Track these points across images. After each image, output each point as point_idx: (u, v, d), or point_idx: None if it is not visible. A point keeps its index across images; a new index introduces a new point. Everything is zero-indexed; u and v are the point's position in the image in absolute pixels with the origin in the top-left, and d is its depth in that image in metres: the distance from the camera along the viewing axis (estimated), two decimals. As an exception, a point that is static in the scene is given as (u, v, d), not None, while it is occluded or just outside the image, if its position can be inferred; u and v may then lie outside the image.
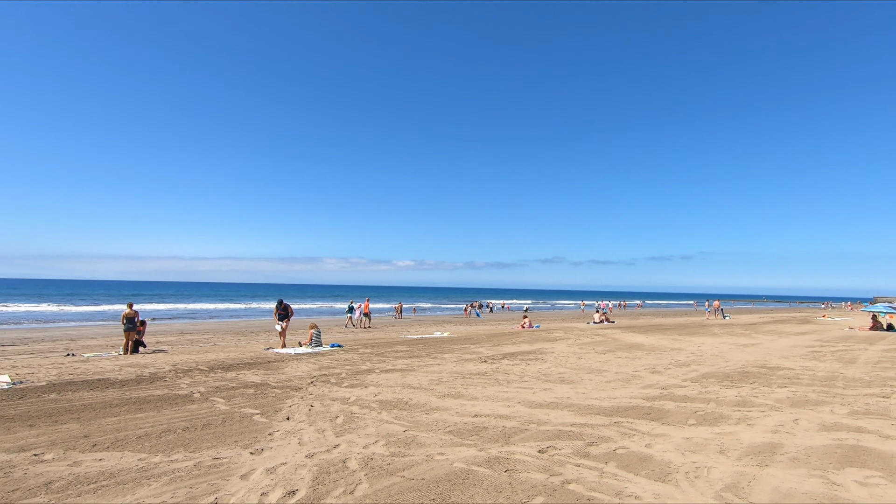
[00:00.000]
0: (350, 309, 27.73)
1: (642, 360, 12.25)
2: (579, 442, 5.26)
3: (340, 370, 10.40)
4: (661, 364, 11.61)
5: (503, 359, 12.43)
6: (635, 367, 11.13)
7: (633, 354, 13.59)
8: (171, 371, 10.14)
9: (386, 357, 12.60)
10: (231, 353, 13.67)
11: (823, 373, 10.27)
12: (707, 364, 11.67)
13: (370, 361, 11.77)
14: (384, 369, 10.53)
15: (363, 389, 8.31)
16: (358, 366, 11.05)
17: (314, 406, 7.04)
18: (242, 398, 7.56)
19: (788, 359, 12.87)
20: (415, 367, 10.80)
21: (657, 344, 16.64)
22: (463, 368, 10.71)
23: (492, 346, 15.57)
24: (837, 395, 7.80)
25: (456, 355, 13.08)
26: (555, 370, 10.54)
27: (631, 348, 15.20)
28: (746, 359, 12.78)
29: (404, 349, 14.45)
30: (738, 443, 5.22)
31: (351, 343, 16.48)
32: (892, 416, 6.45)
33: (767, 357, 13.19)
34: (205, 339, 19.59)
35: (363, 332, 23.52)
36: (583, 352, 14.15)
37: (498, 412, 6.68)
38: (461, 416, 6.44)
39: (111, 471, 4.37)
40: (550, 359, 12.50)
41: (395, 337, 19.45)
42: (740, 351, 14.72)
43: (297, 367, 10.92)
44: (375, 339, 18.52)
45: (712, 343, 17.19)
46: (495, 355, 13.14)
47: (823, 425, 5.95)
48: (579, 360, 12.39)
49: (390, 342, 16.76)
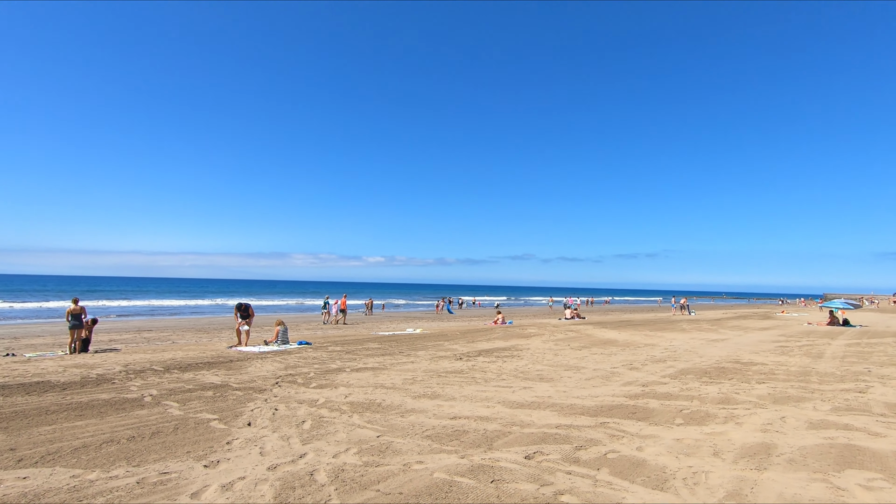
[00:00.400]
0: (325, 304, 27.38)
1: (618, 357, 12.12)
2: (567, 446, 4.92)
3: (308, 369, 9.81)
4: (638, 360, 11.50)
5: (479, 356, 12.08)
6: (612, 363, 10.96)
7: (609, 350, 13.48)
8: (121, 372, 9.34)
9: (357, 355, 12.06)
10: (190, 351, 12.84)
11: (796, 368, 10.33)
12: (682, 360, 11.62)
13: (340, 360, 11.21)
14: (355, 368, 10.00)
15: (333, 390, 7.78)
16: (327, 364, 10.48)
17: (279, 410, 6.48)
18: (199, 402, 6.92)
19: (759, 354, 13.00)
20: (387, 366, 10.32)
21: (631, 340, 16.64)
22: (438, 366, 10.29)
23: (466, 342, 15.22)
24: (816, 391, 7.76)
25: (430, 352, 12.66)
26: (532, 367, 10.25)
27: (605, 344, 15.12)
28: (719, 354, 12.84)
29: (376, 346, 13.93)
30: (730, 444, 4.99)
31: (320, 340, 15.83)
32: (874, 412, 6.39)
33: (738, 352, 13.30)
34: (163, 337, 18.52)
35: (333, 329, 22.81)
36: (558, 348, 13.95)
37: (478, 413, 6.29)
38: (439, 419, 6.02)
39: (35, 491, 3.75)
40: (527, 355, 12.23)
41: (365, 334, 18.88)
42: (711, 346, 14.84)
43: (261, 366, 10.27)
44: (345, 336, 17.90)
45: (683, 339, 17.34)
46: (470, 352, 12.78)
47: (811, 423, 5.81)
48: (556, 356, 12.16)
49: (361, 339, 16.19)
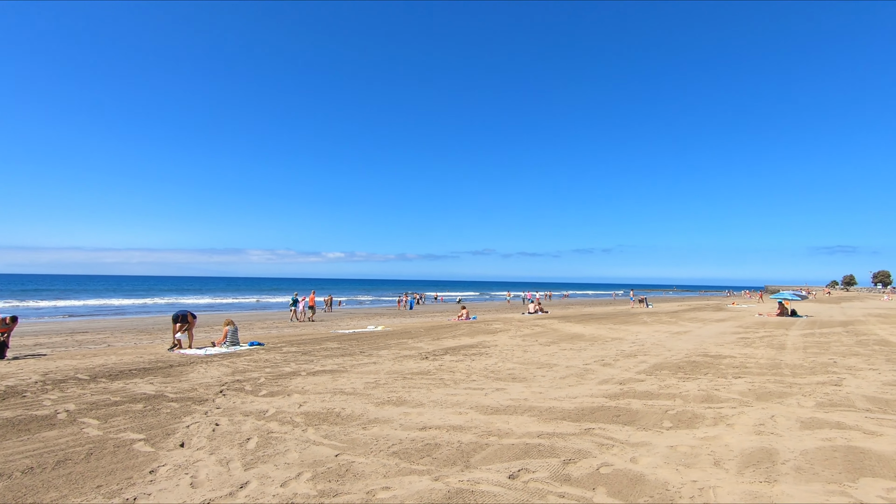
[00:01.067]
0: (294, 302, 26.44)
1: (589, 352, 11.78)
2: (554, 460, 4.34)
3: (259, 374, 8.88)
4: (609, 355, 11.18)
5: (445, 354, 11.45)
6: (584, 359, 10.57)
7: (578, 345, 13.15)
8: (38, 382, 8.12)
9: (314, 356, 11.17)
10: (126, 355, 11.56)
11: (765, 360, 10.26)
12: (652, 354, 11.40)
13: (295, 362, 10.30)
14: (311, 371, 9.14)
15: (285, 398, 6.93)
16: (280, 368, 9.57)
17: (220, 424, 5.61)
18: (125, 417, 5.94)
19: (724, 346, 13.00)
20: (347, 368, 9.51)
21: (597, 334, 16.46)
22: (402, 367, 9.58)
23: (431, 340, 14.56)
24: (794, 385, 7.57)
25: (393, 352, 11.91)
26: (503, 366, 9.70)
27: (573, 339, 14.82)
28: (686, 347, 12.74)
29: (335, 346, 13.05)
30: (728, 451, 4.55)
31: (274, 340, 14.76)
32: (858, 406, 6.18)
33: (704, 345, 13.26)
34: (99, 340, 16.89)
35: (290, 328, 21.63)
36: (526, 344, 13.51)
37: (450, 422, 5.64)
38: (406, 430, 5.32)
39: None
40: (495, 353, 11.69)
41: (324, 332, 17.88)
42: (677, 339, 14.81)
43: (205, 371, 9.24)
44: (302, 335, 16.86)
45: (648, 332, 17.33)
46: (436, 350, 12.13)
47: (802, 422, 5.49)
48: (525, 353, 11.69)
49: (319, 338, 15.24)
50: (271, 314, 34.04)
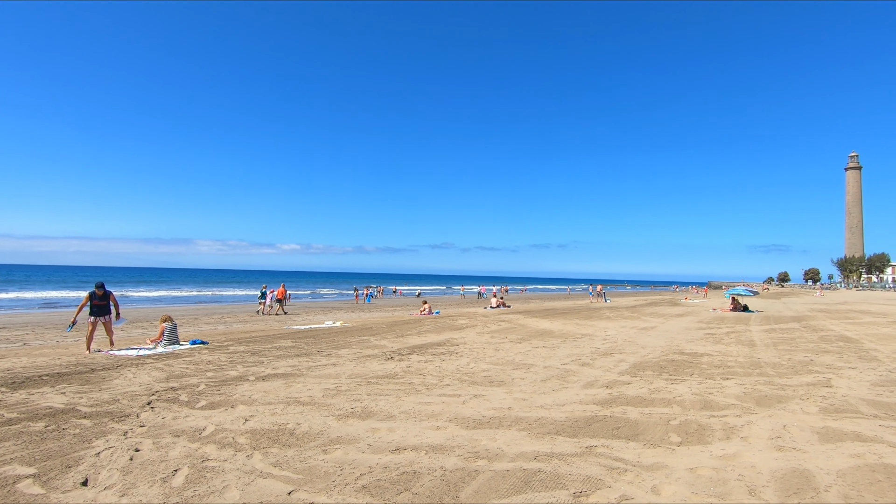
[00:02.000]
0: (262, 294, 25.76)
1: (563, 350, 11.19)
2: (562, 492, 3.55)
3: (198, 380, 7.68)
4: (584, 353, 10.63)
5: (412, 353, 10.55)
6: (560, 358, 9.95)
7: (549, 343, 12.57)
8: (-85, 394, 6.62)
9: (265, 357, 10.00)
10: (41, 356, 9.97)
11: (743, 359, 9.98)
12: (628, 352, 10.94)
13: (243, 364, 9.11)
14: (262, 375, 8.03)
15: (228, 411, 5.84)
16: (225, 371, 8.38)
17: (142, 450, 4.49)
18: (17, 442, 4.70)
19: (695, 343, 12.77)
20: (303, 371, 8.44)
21: (566, 329, 16.01)
22: (366, 369, 8.61)
23: (395, 337, 13.61)
24: (786, 388, 7.17)
25: (354, 351, 10.90)
26: (476, 367, 8.92)
27: (543, 335, 14.27)
28: (659, 344, 12.41)
29: (289, 345, 11.87)
30: (757, 473, 3.92)
31: (220, 338, 13.38)
32: (863, 412, 5.78)
33: (676, 342, 13.00)
34: (14, 337, 14.89)
35: (239, 324, 20.10)
36: (496, 341, 12.81)
37: (428, 440, 4.77)
38: (377, 453, 4.41)
39: None
40: (465, 351, 10.90)
41: (277, 329, 16.56)
42: (646, 336, 14.54)
43: (133, 377, 7.94)
44: (252, 332, 15.49)
45: (615, 327, 17.06)
46: (402, 349, 11.20)
47: (818, 433, 4.98)
48: (497, 351, 10.96)
49: (271, 335, 13.96)
50: (220, 308, 32.02)
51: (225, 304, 39.30)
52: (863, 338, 13.88)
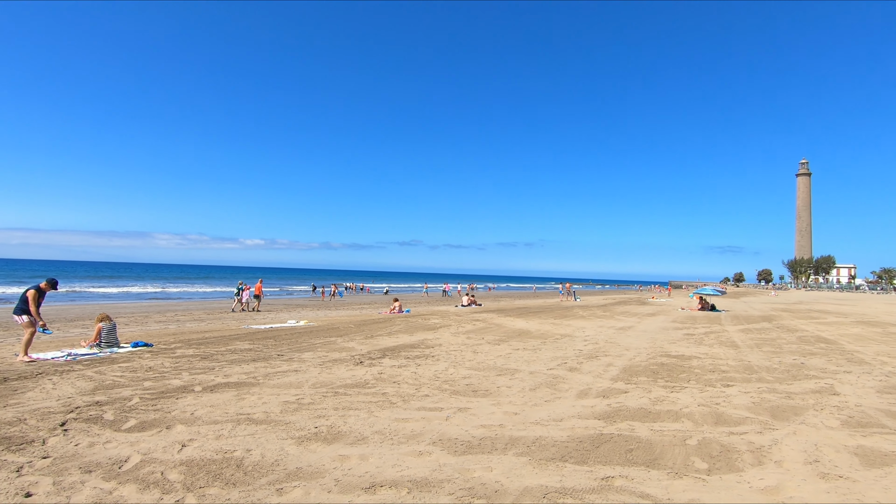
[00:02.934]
0: (238, 291, 24.89)
1: (545, 352, 10.50)
2: (591, 552, 2.75)
3: (133, 391, 6.54)
4: (568, 356, 9.96)
5: (384, 357, 9.61)
6: (545, 362, 9.24)
7: (529, 344, 11.87)
8: None
9: (216, 361, 8.85)
10: (-54, 363, 8.50)
11: (733, 362, 9.52)
12: (613, 354, 10.35)
13: (189, 371, 7.96)
14: (209, 385, 6.94)
15: (162, 434, 4.78)
16: (167, 380, 7.23)
17: (34, 495, 3.43)
18: None
19: (678, 344, 12.35)
20: (260, 379, 7.39)
21: (543, 329, 15.38)
22: (333, 377, 7.63)
23: (364, 338, 12.61)
24: (793, 396, 6.65)
25: (320, 354, 9.87)
26: (456, 373, 8.08)
27: (521, 336, 13.57)
28: (641, 345, 11.91)
29: (246, 347, 10.71)
30: (816, 513, 3.23)
31: (168, 339, 12.04)
32: (888, 426, 5.25)
33: (658, 343, 12.54)
34: (-74, 338, 13.05)
35: (193, 322, 18.58)
36: (474, 342, 12.01)
37: (409, 471, 3.89)
38: (347, 492, 3.50)
39: None
40: (442, 354, 10.05)
41: (234, 328, 15.25)
42: (626, 336, 14.07)
43: (53, 388, 6.70)
44: (205, 332, 14.17)
45: (592, 327, 16.58)
46: (372, 352, 10.25)
47: (856, 455, 4.37)
48: (476, 354, 10.16)
49: (226, 336, 12.71)
50: (175, 305, 30.04)
51: (181, 300, 37.11)
52: (838, 338, 13.82)
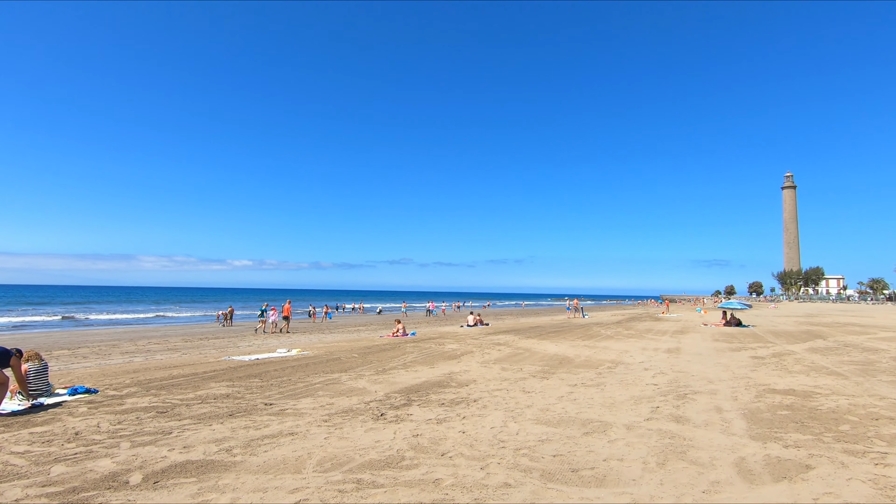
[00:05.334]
0: (262, 313, 25.05)
1: (613, 390, 8.10)
2: None
3: (26, 487, 3.98)
4: (649, 395, 7.58)
5: (409, 404, 7.12)
6: (629, 407, 6.83)
7: (582, 376, 9.47)
8: None
9: (177, 418, 6.28)
10: None
11: (872, 398, 7.20)
12: (701, 390, 7.99)
13: (134, 437, 5.39)
14: (156, 469, 4.39)
15: None
16: (93, 459, 4.67)
17: None
18: None
19: (759, 371, 10.04)
20: (236, 454, 4.85)
21: (582, 354, 12.97)
22: (347, 444, 5.13)
23: (375, 373, 10.07)
24: None
25: (322, 401, 7.34)
26: (525, 431, 5.62)
27: (564, 364, 11.14)
28: (720, 375, 9.58)
29: (222, 391, 8.11)
30: None
31: (124, 379, 9.36)
32: None
33: (738, 371, 10.23)
34: None
35: (165, 353, 15.87)
36: (513, 376, 9.56)
37: None
38: None
39: None
40: (485, 397, 7.58)
41: (211, 361, 12.57)
42: (685, 361, 11.73)
43: None
44: (175, 367, 11.50)
45: (635, 350, 14.22)
46: (392, 396, 7.74)
47: None
48: (528, 394, 7.72)
49: (199, 374, 10.06)
50: (151, 331, 27.13)
51: (160, 325, 34.12)
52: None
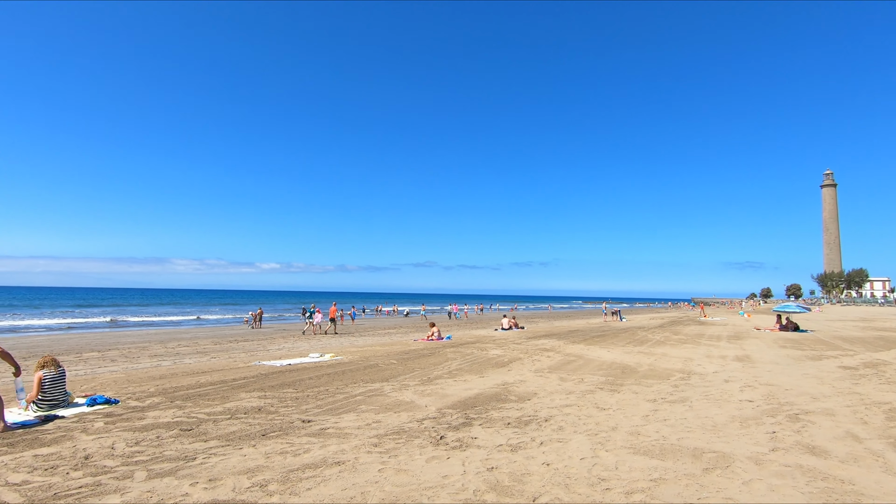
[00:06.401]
0: (309, 314, 25.98)
1: (703, 406, 6.88)
2: None
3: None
4: (753, 416, 6.34)
5: (470, 423, 6.06)
6: (735, 430, 5.62)
7: (656, 389, 8.26)
8: None
9: (203, 438, 5.37)
10: None
11: None
12: (807, 408, 6.69)
13: (150, 464, 4.49)
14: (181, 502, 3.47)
15: None
16: (99, 496, 3.77)
17: None
18: None
19: (863, 385, 8.62)
20: (271, 490, 3.89)
21: (643, 363, 11.69)
22: (409, 484, 4.11)
23: (420, 382, 9.05)
24: None
25: (367, 417, 6.35)
26: (626, 465, 4.49)
27: (628, 374, 9.92)
28: (821, 391, 8.22)
29: (254, 404, 7.22)
30: None
31: (149, 387, 8.59)
32: None
33: (837, 384, 8.84)
34: None
35: (195, 357, 15.26)
36: (576, 388, 8.42)
37: None
38: None
39: None
40: (556, 415, 6.47)
41: (240, 366, 11.78)
42: (766, 371, 10.35)
43: None
44: (203, 373, 10.72)
45: (699, 357, 12.84)
46: (446, 411, 6.70)
47: None
48: (604, 412, 6.57)
49: (228, 381, 9.22)
50: (181, 333, 26.85)
51: (190, 327, 34.03)
52: None
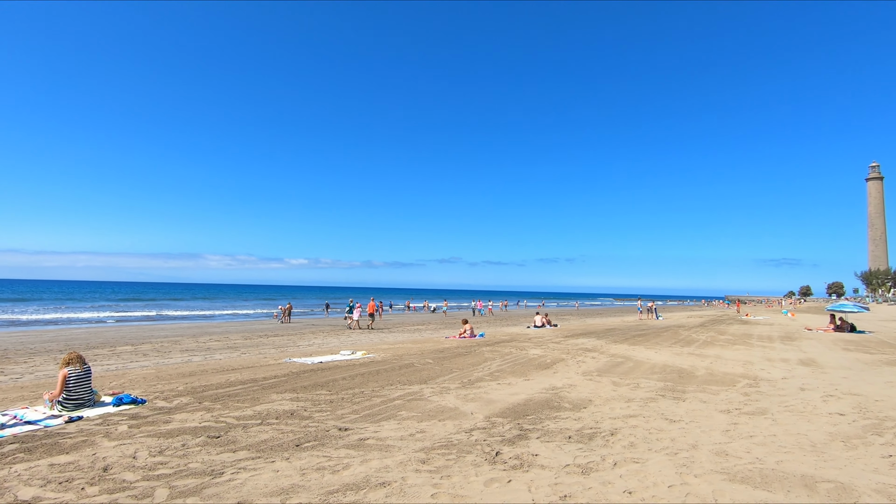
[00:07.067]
0: (350, 309, 26.43)
1: (792, 423, 6.03)
2: None
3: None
4: (850, 433, 5.48)
5: (525, 436, 5.40)
6: (838, 452, 4.79)
7: (726, 398, 7.41)
8: None
9: (231, 448, 4.88)
10: None
11: None
12: (922, 425, 5.77)
13: (172, 479, 3.99)
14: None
15: None
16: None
17: None
18: None
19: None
20: (312, 517, 3.33)
21: (700, 366, 10.78)
22: (466, 508, 3.49)
23: (460, 385, 8.42)
24: None
25: (409, 426, 5.77)
26: (719, 493, 3.73)
27: (687, 380, 9.08)
28: (917, 400, 7.22)
29: (286, 407, 6.72)
30: None
31: (178, 384, 8.24)
32: None
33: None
34: None
35: (225, 352, 15.06)
36: (634, 394, 7.65)
37: None
38: None
39: None
40: (618, 427, 5.74)
41: (272, 364, 11.37)
42: (841, 378, 9.34)
43: None
44: (233, 371, 10.37)
45: (758, 360, 11.83)
46: (494, 421, 6.06)
47: None
48: (678, 426, 5.81)
49: (259, 381, 8.78)
50: (213, 327, 27.00)
51: (221, 322, 34.35)
52: None
